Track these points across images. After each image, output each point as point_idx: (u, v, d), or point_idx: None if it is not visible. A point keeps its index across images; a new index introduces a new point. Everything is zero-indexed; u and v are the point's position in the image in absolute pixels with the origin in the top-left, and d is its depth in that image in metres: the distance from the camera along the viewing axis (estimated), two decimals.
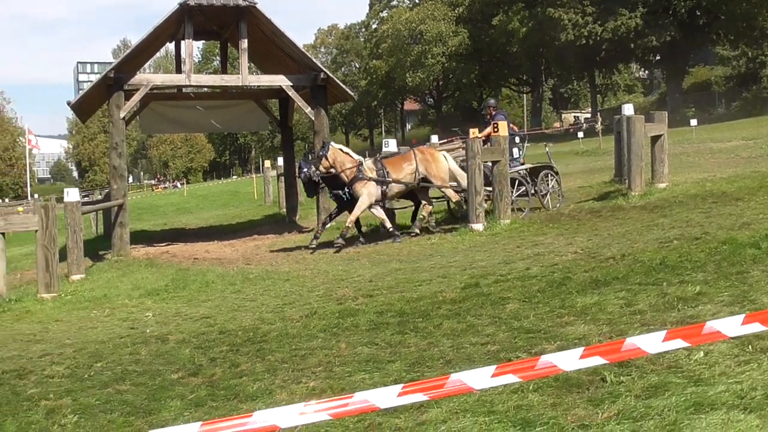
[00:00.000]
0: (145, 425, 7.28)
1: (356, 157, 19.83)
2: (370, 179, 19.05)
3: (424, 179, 19.29)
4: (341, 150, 19.76)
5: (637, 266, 10.53)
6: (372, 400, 3.81)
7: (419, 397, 3.92)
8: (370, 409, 3.94)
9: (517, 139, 20.91)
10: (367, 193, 18.95)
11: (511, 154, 19.81)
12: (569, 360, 3.90)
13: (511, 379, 3.97)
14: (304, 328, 10.13)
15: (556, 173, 21.11)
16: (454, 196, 19.70)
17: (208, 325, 11.34)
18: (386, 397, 3.84)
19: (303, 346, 9.20)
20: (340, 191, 19.21)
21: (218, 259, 19.76)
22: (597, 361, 3.99)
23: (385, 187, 19.17)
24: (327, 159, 19.02)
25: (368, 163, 19.47)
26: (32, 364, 10.41)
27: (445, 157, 19.64)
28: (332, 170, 19.08)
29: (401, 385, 3.89)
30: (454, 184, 19.49)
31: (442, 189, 19.65)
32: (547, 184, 20.59)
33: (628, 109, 20.35)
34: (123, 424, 7.40)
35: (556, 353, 3.96)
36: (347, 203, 19.25)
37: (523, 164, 20.64)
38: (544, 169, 20.94)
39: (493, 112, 20.63)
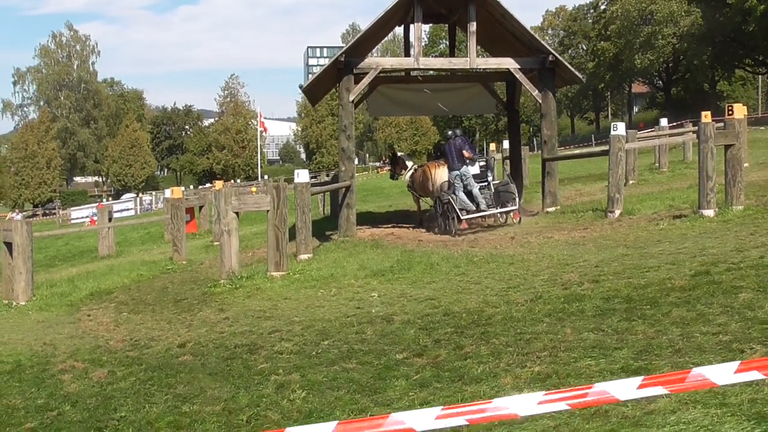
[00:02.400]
0: (371, 403, 7.40)
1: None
2: None
3: None
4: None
5: None
6: (611, 392, 3.73)
7: (659, 390, 3.82)
8: (609, 401, 3.86)
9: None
10: None
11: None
12: None
13: (755, 376, 3.80)
14: (529, 312, 10.06)
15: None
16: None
17: (433, 306, 11.41)
18: (625, 389, 3.76)
19: (528, 330, 9.13)
20: None
21: (442, 241, 19.85)
22: None
23: None
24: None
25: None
26: (263, 339, 10.78)
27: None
28: None
29: (641, 377, 3.78)
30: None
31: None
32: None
33: None
34: (349, 402, 7.55)
35: None
36: None
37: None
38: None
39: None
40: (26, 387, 9.84)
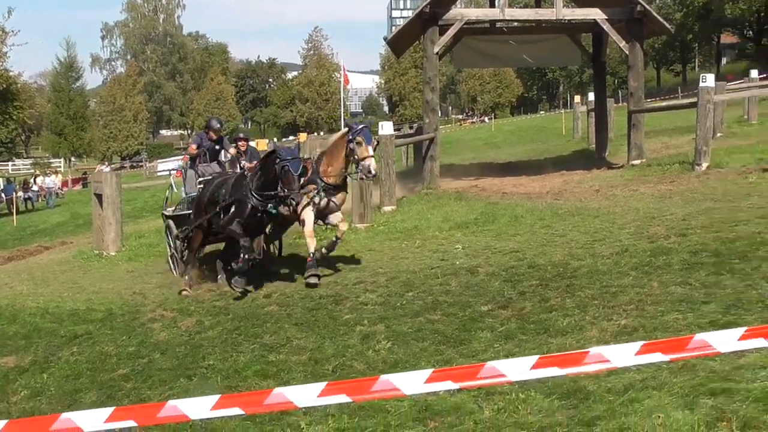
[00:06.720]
0: (456, 355, 7.43)
1: None
2: None
3: None
4: None
5: None
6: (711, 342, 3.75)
7: (761, 343, 3.81)
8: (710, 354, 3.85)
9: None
10: None
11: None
12: None
13: None
14: (615, 265, 9.97)
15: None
16: None
17: (518, 258, 11.37)
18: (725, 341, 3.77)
19: (613, 284, 9.06)
20: None
21: (527, 193, 19.68)
22: None
23: None
24: None
25: None
26: (347, 290, 10.87)
27: None
28: None
29: (744, 328, 3.77)
30: None
31: None
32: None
33: None
34: (434, 353, 7.58)
35: None
36: None
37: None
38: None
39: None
40: (118, 335, 10.09)
